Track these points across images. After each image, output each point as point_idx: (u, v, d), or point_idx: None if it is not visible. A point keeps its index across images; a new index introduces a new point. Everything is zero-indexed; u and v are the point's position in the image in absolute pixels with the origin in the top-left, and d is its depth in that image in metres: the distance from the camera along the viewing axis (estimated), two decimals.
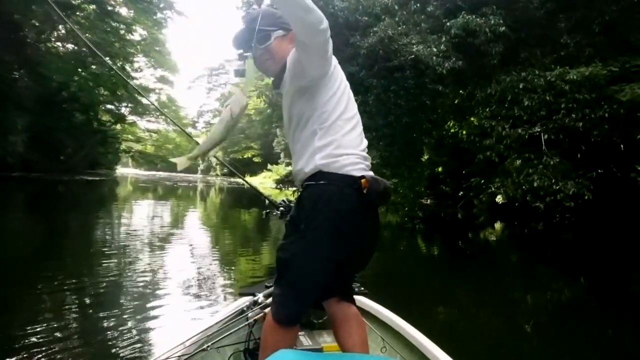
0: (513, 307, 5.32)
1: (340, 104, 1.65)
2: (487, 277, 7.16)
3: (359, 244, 1.66)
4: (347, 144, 1.61)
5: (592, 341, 4.23)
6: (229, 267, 6.34)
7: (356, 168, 1.59)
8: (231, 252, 7.69)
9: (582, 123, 10.23)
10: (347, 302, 1.83)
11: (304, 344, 2.25)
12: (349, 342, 1.75)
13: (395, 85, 10.83)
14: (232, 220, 14.10)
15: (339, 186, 1.56)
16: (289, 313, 1.59)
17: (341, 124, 1.62)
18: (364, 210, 1.60)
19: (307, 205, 1.61)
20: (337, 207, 1.54)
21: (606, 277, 7.53)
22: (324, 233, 1.54)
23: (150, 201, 18.37)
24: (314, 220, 1.56)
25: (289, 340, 1.62)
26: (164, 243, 7.67)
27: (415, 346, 2.15)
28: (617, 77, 11.34)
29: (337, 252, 1.57)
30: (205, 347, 1.88)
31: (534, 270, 8.17)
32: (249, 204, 20.67)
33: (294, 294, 1.59)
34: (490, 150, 11.12)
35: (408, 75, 10.68)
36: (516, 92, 11.02)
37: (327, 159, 1.58)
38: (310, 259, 1.56)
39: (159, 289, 4.73)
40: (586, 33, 12.18)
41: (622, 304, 5.71)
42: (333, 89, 1.65)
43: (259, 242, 9.09)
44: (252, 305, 2.34)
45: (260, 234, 10.64)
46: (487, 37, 10.97)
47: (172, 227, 10.27)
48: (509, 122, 11.26)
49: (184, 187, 33.19)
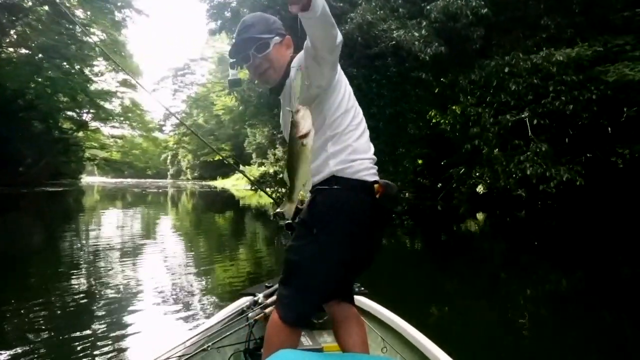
0: (504, 301, 5.12)
1: (349, 109, 1.65)
2: (474, 269, 7.00)
3: (367, 246, 1.67)
4: (360, 149, 1.62)
5: (589, 331, 4.12)
6: (205, 275, 6.00)
7: (369, 173, 1.61)
8: (206, 259, 7.29)
9: (572, 106, 9.84)
10: (347, 303, 1.84)
11: (304, 344, 2.25)
12: (349, 342, 1.77)
13: (377, 74, 10.21)
14: (206, 225, 13.58)
15: (354, 191, 1.57)
16: (298, 315, 1.60)
17: (352, 130, 1.63)
18: (376, 214, 1.61)
19: (321, 209, 1.58)
20: (352, 212, 1.56)
21: (594, 263, 7.44)
22: (338, 237, 1.56)
23: (118, 210, 17.49)
24: (328, 224, 1.56)
25: (294, 341, 1.62)
26: (133, 255, 7.20)
27: (415, 346, 2.13)
28: (601, 58, 11.10)
29: (348, 256, 1.60)
30: (205, 347, 1.88)
31: (521, 259, 8.01)
32: (222, 208, 20.17)
33: (303, 296, 1.60)
34: (477, 139, 10.60)
35: (390, 62, 10.07)
36: (501, 77, 10.55)
37: (342, 164, 1.59)
38: (323, 263, 1.58)
39: (131, 304, 4.36)
40: (566, 13, 11.88)
41: (612, 290, 5.66)
42: (340, 94, 1.65)
43: (236, 248, 8.75)
44: (252, 305, 2.33)
45: (236, 238, 10.30)
46: (468, 20, 10.46)
47: (142, 236, 9.66)
48: (496, 109, 10.83)
49: (154, 193, 32.10)
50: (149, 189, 36.83)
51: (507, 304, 5.00)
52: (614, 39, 11.35)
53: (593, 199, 12.75)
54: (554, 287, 6.09)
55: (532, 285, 6.02)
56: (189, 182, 64.25)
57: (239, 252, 8.19)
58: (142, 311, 4.13)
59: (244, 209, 20.73)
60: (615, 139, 12.81)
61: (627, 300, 5.12)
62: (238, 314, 2.32)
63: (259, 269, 6.48)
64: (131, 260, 6.69)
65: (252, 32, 1.68)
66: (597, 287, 5.81)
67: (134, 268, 6.13)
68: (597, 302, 5.08)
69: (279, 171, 15.29)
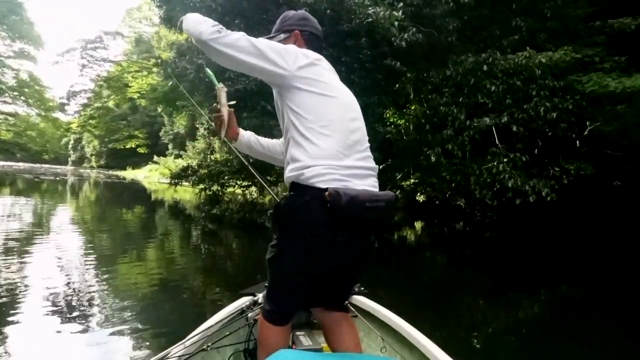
0: (442, 319, 4.84)
1: (317, 108, 1.59)
2: (403, 278, 6.93)
3: (337, 259, 1.64)
4: (319, 153, 1.55)
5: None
6: (105, 281, 5.47)
7: (324, 179, 1.53)
8: (108, 261, 6.61)
9: (555, 113, 8.97)
10: (336, 312, 1.84)
11: (304, 344, 2.22)
12: (341, 347, 1.77)
13: (348, 56, 8.60)
14: (110, 221, 12.39)
15: (304, 199, 1.54)
16: (275, 313, 1.67)
17: (317, 130, 1.57)
18: (335, 224, 1.53)
19: (280, 215, 1.63)
20: (302, 220, 1.54)
21: (534, 274, 7.68)
22: (292, 245, 1.58)
23: (3, 198, 15.70)
24: (283, 231, 1.62)
25: (281, 339, 1.67)
26: (18, 253, 6.47)
27: (415, 346, 2.12)
28: (577, 66, 10.51)
29: (307, 266, 1.60)
30: (205, 347, 1.89)
31: (455, 270, 8.05)
32: (131, 201, 18.86)
33: (276, 296, 1.68)
34: (449, 143, 9.38)
35: (363, 44, 8.50)
36: (479, 75, 9.47)
37: (297, 170, 1.57)
38: (282, 268, 1.63)
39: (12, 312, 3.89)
40: (538, 17, 11.18)
41: (553, 302, 5.95)
42: (307, 92, 1.59)
43: (144, 248, 8.16)
44: (252, 305, 2.36)
45: (145, 237, 9.56)
46: (448, 6, 9.23)
47: (30, 231, 8.65)
48: (470, 110, 9.74)
49: (51, 181, 28.56)
50: (45, 176, 32.78)
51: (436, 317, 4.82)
52: (582, 49, 10.79)
53: (535, 211, 12.49)
54: (497, 300, 5.98)
55: (470, 300, 5.90)
56: (94, 170, 58.55)
57: (147, 253, 7.62)
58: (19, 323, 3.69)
59: (156, 203, 19.79)
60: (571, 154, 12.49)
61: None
62: (238, 314, 2.30)
63: (171, 274, 6.01)
64: (13, 259, 6.00)
65: (272, 31, 1.85)
66: (545, 300, 6.05)
67: (16, 268, 5.52)
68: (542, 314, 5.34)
69: (213, 166, 13.26)
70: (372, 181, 1.64)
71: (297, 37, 1.77)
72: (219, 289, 5.61)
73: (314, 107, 1.57)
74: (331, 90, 1.61)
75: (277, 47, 1.55)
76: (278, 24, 1.84)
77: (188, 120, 35.52)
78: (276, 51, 1.54)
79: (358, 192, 1.51)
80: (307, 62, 1.58)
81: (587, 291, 6.51)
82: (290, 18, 1.83)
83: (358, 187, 1.54)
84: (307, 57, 1.60)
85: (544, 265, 8.61)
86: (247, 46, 1.50)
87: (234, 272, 7.06)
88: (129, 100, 42.09)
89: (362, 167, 1.61)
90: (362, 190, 1.53)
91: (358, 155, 1.61)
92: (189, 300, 4.85)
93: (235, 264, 7.71)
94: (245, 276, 6.54)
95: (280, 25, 1.82)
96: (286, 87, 1.58)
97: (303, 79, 1.56)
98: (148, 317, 4.09)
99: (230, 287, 5.46)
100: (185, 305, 4.64)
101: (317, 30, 1.87)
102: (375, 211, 1.56)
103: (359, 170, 1.58)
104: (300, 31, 1.78)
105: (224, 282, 6.03)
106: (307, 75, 1.57)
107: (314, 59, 1.62)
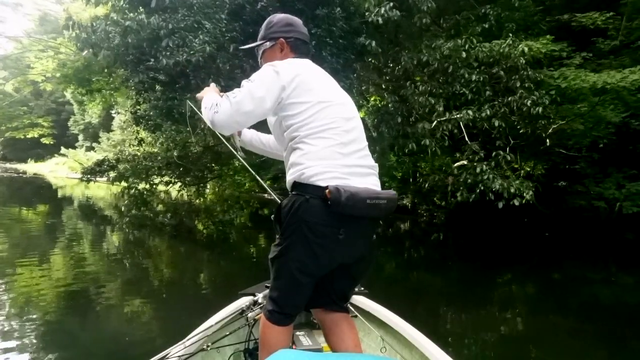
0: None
1: (312, 115, 1.64)
2: None
3: (339, 257, 1.64)
4: (317, 154, 1.59)
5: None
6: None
7: (324, 178, 1.56)
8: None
9: (540, 108, 8.11)
10: (336, 312, 1.83)
11: (303, 344, 2.20)
12: (341, 347, 1.75)
13: (318, 28, 7.08)
14: (6, 222, 11.43)
15: (304, 197, 1.57)
16: (277, 313, 1.66)
17: (314, 135, 1.61)
18: (336, 222, 1.56)
19: (282, 213, 1.64)
20: (302, 218, 1.56)
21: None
22: (294, 244, 1.59)
23: None
24: (285, 229, 1.62)
25: (283, 339, 1.66)
26: None
27: (415, 346, 2.11)
28: (549, 59, 9.87)
29: (310, 265, 1.60)
30: (205, 347, 1.89)
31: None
32: (33, 199, 17.62)
33: (278, 296, 1.68)
34: (427, 138, 8.20)
35: (337, 15, 7.02)
36: (456, 63, 8.39)
37: (297, 172, 1.61)
38: (284, 267, 1.63)
39: None
40: (506, 6, 10.42)
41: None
42: (299, 104, 1.64)
43: (47, 252, 7.54)
44: (252, 305, 2.32)
45: (49, 240, 8.95)
46: None
47: None
48: (449, 102, 8.69)
49: None
50: None
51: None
52: (550, 44, 10.17)
53: (483, 213, 11.92)
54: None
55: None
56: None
57: (51, 261, 6.97)
58: None
59: (64, 201, 18.29)
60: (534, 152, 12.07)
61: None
62: (238, 313, 2.30)
63: (79, 280, 5.64)
64: None
65: (258, 38, 1.92)
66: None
67: None
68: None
69: (135, 160, 11.13)
70: (373, 179, 1.71)
71: (283, 45, 1.85)
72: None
73: (309, 115, 1.64)
74: (323, 95, 1.68)
75: (260, 80, 1.64)
76: (263, 30, 1.90)
77: (102, 109, 31.83)
78: (262, 85, 1.62)
79: (358, 189, 1.57)
80: (291, 78, 1.64)
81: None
82: (274, 25, 1.89)
83: (359, 185, 1.60)
84: (290, 73, 1.65)
85: (494, 265, 9.26)
86: (240, 100, 1.61)
87: (163, 289, 6.16)
88: (32, 84, 37.11)
89: (362, 165, 1.68)
90: (363, 188, 1.59)
91: (357, 154, 1.68)
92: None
93: (166, 280, 6.79)
94: (184, 299, 5.58)
95: (265, 33, 1.89)
96: (279, 106, 1.66)
97: (292, 93, 1.64)
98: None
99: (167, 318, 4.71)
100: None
101: (303, 34, 1.92)
102: (376, 209, 1.59)
103: (359, 169, 1.65)
104: (285, 38, 1.85)
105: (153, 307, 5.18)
106: (295, 90, 1.64)
107: (297, 72, 1.67)
